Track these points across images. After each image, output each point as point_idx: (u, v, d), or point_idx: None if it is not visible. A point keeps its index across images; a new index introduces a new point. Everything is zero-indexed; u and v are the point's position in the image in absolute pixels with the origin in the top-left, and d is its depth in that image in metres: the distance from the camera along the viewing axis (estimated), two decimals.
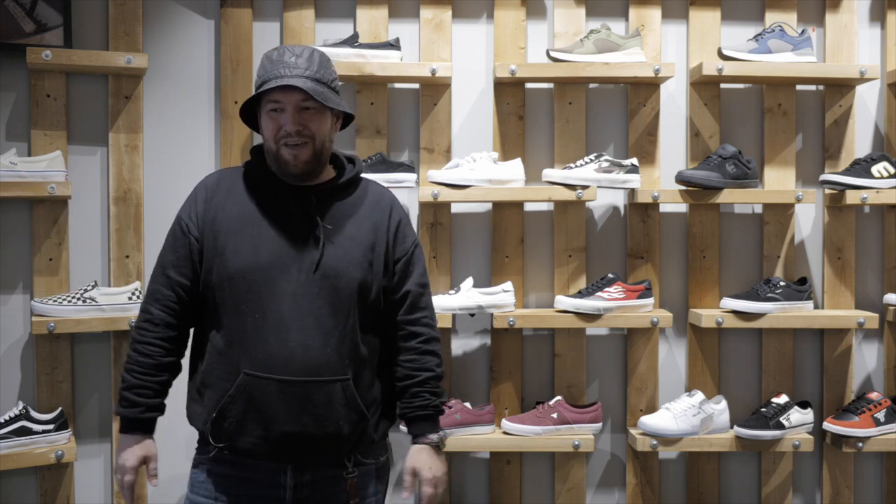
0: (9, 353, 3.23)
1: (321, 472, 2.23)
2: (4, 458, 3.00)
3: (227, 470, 2.23)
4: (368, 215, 2.29)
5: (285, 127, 2.18)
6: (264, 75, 2.19)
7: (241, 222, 2.21)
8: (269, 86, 2.16)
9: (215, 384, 2.20)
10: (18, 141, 3.22)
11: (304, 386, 2.16)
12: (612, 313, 3.23)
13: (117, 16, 3.27)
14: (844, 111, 3.45)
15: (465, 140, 3.42)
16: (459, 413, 3.22)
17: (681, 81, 3.46)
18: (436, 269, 3.37)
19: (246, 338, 2.17)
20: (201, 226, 2.24)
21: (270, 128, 2.20)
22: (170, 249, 2.28)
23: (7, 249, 3.22)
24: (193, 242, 2.24)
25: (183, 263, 2.25)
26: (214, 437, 2.20)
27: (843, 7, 3.46)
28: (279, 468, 2.20)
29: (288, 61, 2.17)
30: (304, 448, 2.20)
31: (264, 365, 2.15)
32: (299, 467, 2.21)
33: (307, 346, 2.16)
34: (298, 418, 2.17)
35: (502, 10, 3.40)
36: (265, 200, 2.23)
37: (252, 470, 2.21)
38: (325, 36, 3.36)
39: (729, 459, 3.48)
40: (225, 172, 2.35)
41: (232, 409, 2.17)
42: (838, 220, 3.45)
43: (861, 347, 3.50)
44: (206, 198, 2.26)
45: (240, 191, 2.26)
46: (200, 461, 2.27)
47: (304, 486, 2.22)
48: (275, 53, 2.21)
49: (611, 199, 3.43)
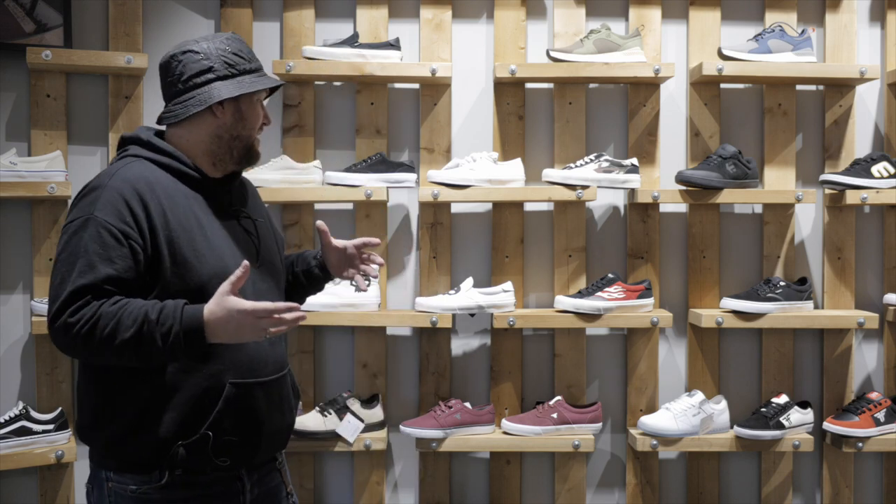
0: (9, 353, 3.23)
1: (264, 468, 2.22)
2: (4, 458, 3.00)
3: (183, 494, 2.06)
4: (257, 197, 2.36)
5: (266, 118, 2.22)
6: (254, 62, 2.17)
7: (190, 226, 2.07)
8: (271, 82, 2.17)
9: (181, 405, 2.02)
10: (18, 141, 3.22)
11: (277, 383, 2.17)
12: (612, 313, 3.23)
13: (117, 16, 3.27)
14: (844, 111, 3.45)
15: (465, 140, 3.42)
16: (459, 413, 3.22)
17: (681, 81, 3.46)
18: (436, 269, 3.37)
19: (225, 347, 2.02)
20: (145, 235, 2.01)
21: (256, 116, 2.19)
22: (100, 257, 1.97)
23: (7, 249, 3.22)
24: (137, 251, 2.00)
25: (127, 274, 1.99)
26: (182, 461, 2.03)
27: (843, 7, 3.46)
28: (232, 475, 2.12)
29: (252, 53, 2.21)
30: (279, 445, 2.22)
31: (249, 370, 2.09)
32: (250, 469, 2.16)
33: (273, 342, 2.17)
34: (275, 417, 2.16)
35: (502, 10, 3.40)
36: (196, 200, 2.13)
37: (208, 485, 2.09)
38: (325, 36, 3.36)
39: (729, 459, 3.48)
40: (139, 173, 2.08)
41: (223, 425, 2.05)
42: (838, 220, 3.45)
43: (861, 347, 3.50)
44: (141, 204, 2.03)
45: (173, 193, 2.09)
46: (143, 494, 2.05)
47: (255, 486, 2.18)
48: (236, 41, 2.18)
49: (611, 199, 3.43)
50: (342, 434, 3.17)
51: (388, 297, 3.40)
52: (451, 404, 3.23)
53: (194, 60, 2.12)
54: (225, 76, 2.13)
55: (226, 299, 1.93)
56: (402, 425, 3.24)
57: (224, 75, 2.13)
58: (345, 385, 3.37)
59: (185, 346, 1.93)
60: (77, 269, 1.95)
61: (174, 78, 2.14)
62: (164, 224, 2.03)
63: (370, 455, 3.33)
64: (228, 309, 1.93)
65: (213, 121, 2.14)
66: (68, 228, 2.02)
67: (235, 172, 2.22)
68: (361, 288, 2.44)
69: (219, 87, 2.11)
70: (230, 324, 1.93)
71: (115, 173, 2.07)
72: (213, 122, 2.14)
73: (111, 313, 1.93)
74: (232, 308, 1.93)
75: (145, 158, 2.12)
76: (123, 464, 2.06)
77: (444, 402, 3.26)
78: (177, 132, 2.16)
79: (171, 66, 2.15)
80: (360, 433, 3.19)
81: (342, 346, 3.39)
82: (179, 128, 2.16)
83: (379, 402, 3.26)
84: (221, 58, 2.13)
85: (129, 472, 2.05)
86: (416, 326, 3.32)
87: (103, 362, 2.02)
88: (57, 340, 1.99)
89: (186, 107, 2.12)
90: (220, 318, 1.93)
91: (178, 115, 2.13)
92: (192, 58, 2.13)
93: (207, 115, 2.14)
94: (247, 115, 2.17)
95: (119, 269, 1.97)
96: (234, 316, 1.93)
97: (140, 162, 2.11)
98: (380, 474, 3.36)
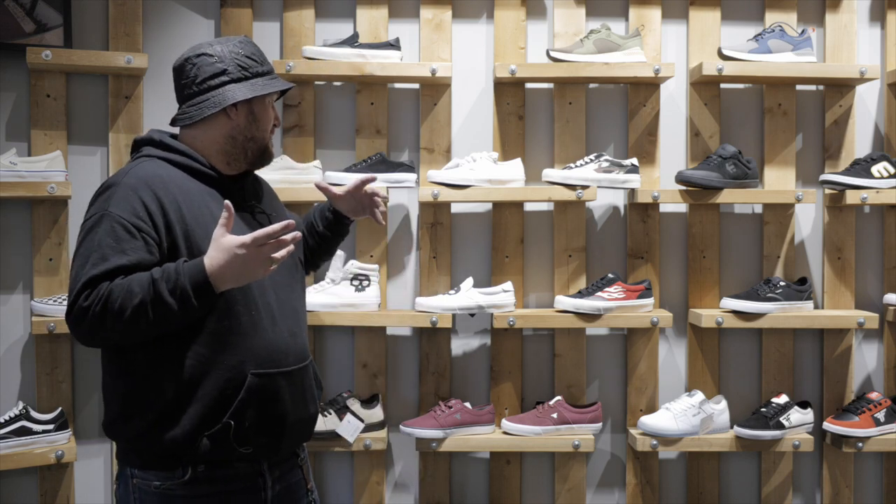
0: (9, 353, 3.23)
1: (286, 464, 2.24)
2: (4, 458, 3.00)
3: (206, 489, 2.09)
4: (272, 194, 2.41)
5: (276, 120, 2.28)
6: (267, 64, 2.23)
7: (205, 221, 2.09)
8: (283, 85, 2.23)
9: (204, 398, 2.05)
10: (18, 141, 3.22)
11: (300, 373, 2.20)
12: (612, 313, 3.23)
13: (117, 16, 3.27)
14: (844, 111, 3.45)
15: (465, 140, 3.42)
16: (459, 413, 3.22)
17: (681, 81, 3.46)
18: (436, 269, 3.37)
19: (245, 338, 2.10)
20: (160, 229, 2.04)
21: (269, 118, 2.25)
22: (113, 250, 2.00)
23: (7, 249, 3.22)
24: (151, 244, 2.03)
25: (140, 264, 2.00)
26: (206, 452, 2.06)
27: (843, 7, 3.46)
28: (255, 470, 2.14)
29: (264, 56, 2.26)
30: (302, 436, 2.25)
31: (270, 360, 2.13)
32: (272, 463, 2.18)
33: (294, 332, 2.21)
34: (298, 407, 2.19)
35: (502, 10, 3.40)
36: (212, 197, 2.16)
37: (230, 481, 2.11)
38: (325, 36, 3.36)
39: (729, 459, 3.48)
40: (153, 171, 2.12)
41: (246, 415, 2.08)
42: (838, 220, 3.45)
43: (861, 347, 3.50)
44: (156, 200, 2.05)
45: (188, 189, 2.12)
46: (168, 490, 2.08)
47: (277, 482, 2.20)
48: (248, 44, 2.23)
49: (611, 199, 3.43)
50: (342, 434, 3.17)
51: (388, 297, 3.40)
52: (451, 404, 3.23)
53: (208, 63, 2.17)
54: (238, 79, 2.17)
55: (221, 241, 1.96)
56: (402, 425, 3.24)
57: (238, 78, 2.17)
58: (345, 385, 3.37)
59: (196, 298, 1.97)
60: (90, 261, 2.00)
61: (188, 80, 2.18)
62: (179, 218, 2.07)
63: (370, 455, 3.33)
64: (227, 248, 1.95)
65: (226, 122, 2.19)
66: (84, 226, 2.07)
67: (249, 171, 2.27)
68: (381, 222, 2.58)
69: (233, 89, 2.16)
70: (234, 263, 1.96)
71: (130, 171, 2.12)
72: (227, 123, 2.19)
73: (121, 286, 1.97)
74: (230, 246, 1.95)
75: (159, 158, 2.16)
76: (148, 460, 2.09)
77: (444, 402, 3.26)
78: (191, 133, 2.21)
79: (186, 68, 2.19)
80: (360, 433, 3.19)
81: (342, 346, 3.39)
82: (193, 129, 2.20)
83: (379, 402, 3.26)
84: (235, 61, 2.18)
85: (153, 468, 2.09)
86: (416, 326, 3.32)
87: (123, 340, 2.03)
88: (76, 330, 2.01)
89: (201, 109, 2.16)
90: (222, 261, 1.96)
91: (192, 117, 2.17)
92: (207, 60, 2.17)
93: (221, 117, 2.18)
94: (260, 117, 2.22)
95: (131, 260, 2.00)
96: (235, 253, 1.95)
97: (153, 161, 2.15)
98: (380, 474, 3.36)
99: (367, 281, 3.22)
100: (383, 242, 3.37)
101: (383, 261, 3.36)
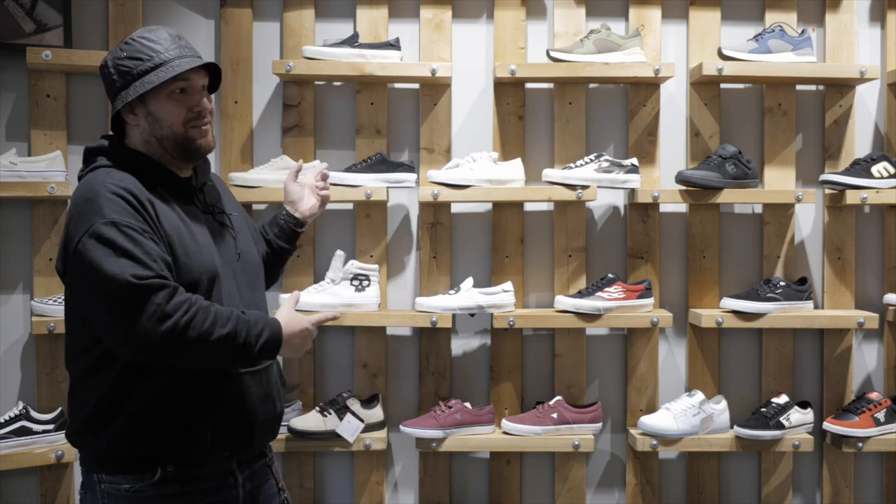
0: (9, 353, 3.23)
1: (255, 463, 2.24)
2: (4, 458, 3.00)
3: (176, 489, 2.07)
4: (228, 193, 2.38)
5: (195, 108, 2.12)
6: (155, 57, 2.07)
7: (177, 227, 2.07)
8: (186, 66, 2.07)
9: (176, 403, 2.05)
10: (18, 141, 3.22)
11: (266, 372, 2.20)
12: (612, 313, 3.23)
13: (117, 16, 3.27)
14: (844, 111, 3.45)
15: (465, 140, 3.42)
16: (459, 413, 3.22)
17: (681, 81, 3.46)
18: (436, 269, 3.37)
19: None
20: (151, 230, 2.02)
21: (176, 112, 2.10)
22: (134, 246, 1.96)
23: (7, 249, 3.22)
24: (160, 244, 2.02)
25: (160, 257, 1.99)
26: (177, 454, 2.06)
27: (843, 7, 3.46)
28: (225, 469, 2.14)
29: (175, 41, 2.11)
30: (271, 434, 2.25)
31: None
32: (242, 462, 2.18)
33: None
34: (266, 405, 2.19)
35: (502, 10, 3.40)
36: (174, 202, 2.12)
37: (201, 480, 2.10)
38: (325, 36, 3.36)
39: (729, 459, 3.48)
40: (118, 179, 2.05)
41: (216, 416, 2.08)
42: (838, 220, 3.45)
43: (861, 347, 3.50)
44: (138, 205, 2.02)
45: (153, 197, 2.08)
46: (138, 491, 2.05)
47: (247, 480, 2.20)
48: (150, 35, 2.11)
49: (611, 199, 3.43)
50: (342, 434, 3.17)
51: (388, 297, 3.40)
52: (451, 404, 3.23)
53: (105, 77, 2.14)
54: (123, 85, 2.10)
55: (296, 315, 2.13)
56: (402, 425, 3.24)
57: (123, 85, 2.10)
58: (345, 385, 3.37)
59: (269, 352, 2.07)
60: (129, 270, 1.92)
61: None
62: (157, 226, 2.04)
63: (370, 455, 3.33)
64: (302, 321, 2.13)
65: (136, 129, 2.14)
66: (83, 254, 1.96)
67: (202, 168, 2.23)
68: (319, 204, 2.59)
69: (122, 96, 2.10)
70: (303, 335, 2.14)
71: (102, 181, 2.04)
72: (137, 129, 2.14)
73: (206, 307, 1.98)
74: (306, 320, 2.14)
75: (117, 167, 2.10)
76: (118, 465, 2.06)
77: (444, 402, 3.26)
78: (129, 143, 2.16)
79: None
80: (360, 433, 3.19)
81: (342, 346, 3.39)
82: (128, 139, 2.16)
83: (379, 402, 3.26)
84: (117, 67, 2.11)
85: (123, 472, 2.06)
86: (416, 326, 3.32)
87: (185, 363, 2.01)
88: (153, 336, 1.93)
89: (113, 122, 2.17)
90: (293, 332, 2.11)
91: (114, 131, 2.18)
92: (104, 73, 2.14)
93: (132, 125, 2.14)
94: (159, 115, 2.10)
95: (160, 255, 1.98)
96: (307, 328, 2.14)
97: (115, 171, 2.08)
98: (380, 474, 3.36)
99: (367, 281, 3.22)
100: (383, 242, 3.37)
101: (383, 261, 3.36)
